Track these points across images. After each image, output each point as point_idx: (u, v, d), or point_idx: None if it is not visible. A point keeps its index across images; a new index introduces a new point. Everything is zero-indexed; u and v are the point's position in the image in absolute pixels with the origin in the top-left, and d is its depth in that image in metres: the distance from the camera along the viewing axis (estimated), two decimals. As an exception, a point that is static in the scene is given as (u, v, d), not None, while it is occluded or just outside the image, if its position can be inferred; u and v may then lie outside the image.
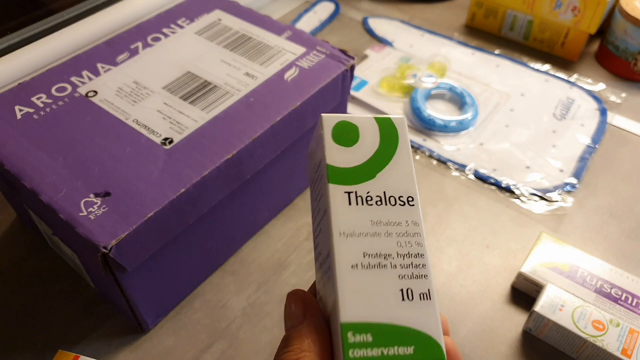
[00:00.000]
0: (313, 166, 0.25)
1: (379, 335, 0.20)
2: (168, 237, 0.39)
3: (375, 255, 0.21)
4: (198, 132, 0.42)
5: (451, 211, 0.54)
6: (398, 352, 0.20)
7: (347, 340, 0.20)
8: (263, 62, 0.48)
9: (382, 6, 0.82)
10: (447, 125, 0.60)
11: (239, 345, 0.44)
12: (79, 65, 0.48)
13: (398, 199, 0.23)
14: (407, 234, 0.22)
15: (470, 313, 0.46)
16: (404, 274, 0.21)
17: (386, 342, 0.20)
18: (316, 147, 0.25)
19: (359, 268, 0.21)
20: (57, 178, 0.39)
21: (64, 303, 0.46)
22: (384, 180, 0.23)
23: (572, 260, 0.46)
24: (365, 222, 0.22)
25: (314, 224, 0.25)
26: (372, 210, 0.22)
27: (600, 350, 0.40)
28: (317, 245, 0.24)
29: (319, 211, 0.24)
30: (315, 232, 0.25)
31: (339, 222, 0.22)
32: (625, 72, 0.69)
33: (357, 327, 0.20)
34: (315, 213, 0.24)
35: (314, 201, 0.25)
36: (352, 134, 0.24)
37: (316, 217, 0.24)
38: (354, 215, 0.22)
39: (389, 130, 0.24)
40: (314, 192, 0.25)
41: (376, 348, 0.20)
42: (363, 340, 0.20)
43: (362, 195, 0.22)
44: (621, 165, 0.59)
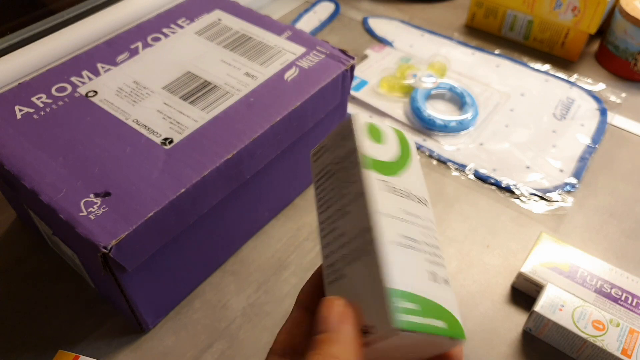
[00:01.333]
0: (333, 159, 0.26)
1: (419, 305, 0.21)
2: (168, 237, 0.39)
3: (408, 237, 0.22)
4: (198, 132, 0.42)
5: (451, 211, 0.54)
6: (437, 324, 0.21)
7: (395, 304, 0.20)
8: (263, 62, 0.48)
9: (382, 6, 0.82)
10: (447, 125, 0.60)
11: (239, 345, 0.44)
12: (79, 65, 0.48)
13: (417, 197, 0.24)
14: (426, 227, 0.24)
15: (470, 313, 0.46)
16: (430, 259, 0.23)
17: (428, 313, 0.21)
18: (340, 141, 0.26)
19: (395, 245, 0.22)
20: (57, 178, 0.39)
21: (64, 303, 0.46)
22: (406, 180, 0.25)
23: (572, 260, 0.46)
24: (397, 208, 0.23)
25: (325, 226, 0.25)
26: (401, 200, 0.24)
27: (600, 350, 0.40)
28: (333, 232, 0.24)
29: (340, 198, 0.24)
30: (328, 220, 0.25)
31: (378, 203, 0.23)
32: (625, 72, 0.69)
33: (402, 295, 0.21)
34: (331, 211, 0.25)
35: (331, 199, 0.25)
36: (379, 134, 0.26)
37: (333, 211, 0.25)
38: (388, 200, 0.23)
39: (404, 141, 0.26)
40: (330, 190, 0.25)
41: (420, 317, 0.20)
42: (409, 308, 0.20)
43: (392, 186, 0.24)
44: (621, 165, 0.59)
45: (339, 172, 0.25)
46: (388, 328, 0.20)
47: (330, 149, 0.26)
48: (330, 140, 0.26)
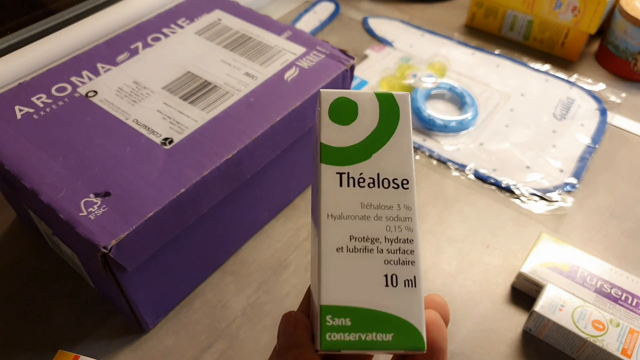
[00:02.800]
0: (314, 147, 0.24)
1: (358, 320, 0.20)
2: (168, 237, 0.39)
3: (362, 239, 0.21)
4: (198, 132, 0.42)
5: (451, 211, 0.54)
6: (376, 338, 0.20)
7: (326, 323, 0.20)
8: (263, 62, 0.48)
9: (382, 6, 0.82)
10: (447, 125, 0.60)
11: (239, 345, 0.44)
12: (79, 65, 0.48)
13: (392, 181, 0.22)
14: (397, 218, 0.22)
15: (470, 313, 0.46)
16: (391, 259, 0.21)
17: (365, 328, 0.20)
18: (315, 126, 0.24)
19: (344, 251, 0.21)
20: (57, 178, 0.39)
21: (64, 303, 0.46)
22: (379, 162, 0.22)
23: (572, 260, 0.46)
24: (355, 204, 0.21)
25: (313, 215, 0.24)
26: (364, 192, 0.22)
27: (600, 350, 0.40)
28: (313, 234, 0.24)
29: (315, 194, 0.23)
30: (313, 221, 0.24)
31: (328, 204, 0.21)
32: (625, 72, 0.69)
33: (337, 311, 0.20)
34: (313, 199, 0.24)
35: (314, 186, 0.24)
36: (350, 111, 0.23)
37: (314, 202, 0.24)
38: (344, 197, 0.21)
39: (390, 107, 0.23)
40: (314, 175, 0.24)
41: (354, 333, 0.20)
42: (341, 324, 0.20)
43: (355, 176, 0.22)
44: (621, 165, 0.59)
45: (315, 163, 0.24)
46: (317, 347, 0.20)
47: (314, 134, 0.25)
48: (315, 123, 0.25)
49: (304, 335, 0.22)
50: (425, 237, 0.52)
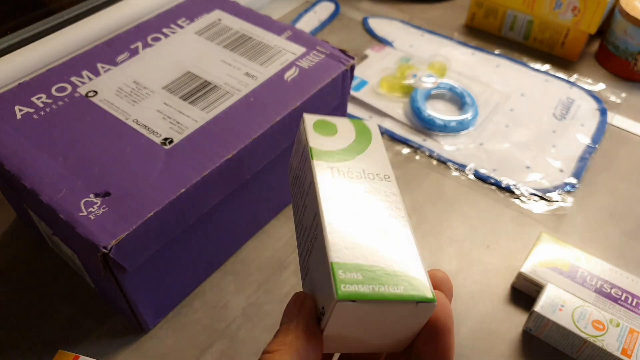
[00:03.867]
0: (297, 163, 0.27)
1: (367, 275, 0.21)
2: (168, 237, 0.39)
3: (359, 214, 0.23)
4: (198, 132, 0.42)
5: (451, 211, 0.54)
6: (388, 290, 0.21)
7: (338, 277, 0.20)
8: (263, 62, 0.48)
9: (382, 6, 0.82)
10: (447, 125, 0.60)
11: (239, 345, 0.44)
12: (79, 65, 0.48)
13: (376, 175, 0.25)
14: (387, 200, 0.24)
15: (470, 313, 0.46)
16: (383, 229, 0.23)
17: (375, 281, 0.21)
18: (298, 145, 0.27)
19: (344, 224, 0.22)
20: (57, 178, 0.39)
21: (64, 303, 0.46)
22: (362, 162, 0.25)
23: (572, 260, 0.46)
24: (348, 190, 0.24)
25: (297, 228, 0.26)
26: (354, 182, 0.24)
27: (600, 350, 0.40)
28: (301, 230, 0.25)
29: (302, 195, 0.25)
30: (298, 221, 0.26)
31: (325, 190, 0.24)
32: (625, 72, 0.69)
33: (347, 267, 0.21)
34: (298, 211, 0.26)
35: (297, 200, 0.26)
36: (331, 128, 0.27)
37: (299, 210, 0.25)
38: (338, 185, 0.24)
39: (363, 129, 0.27)
40: (297, 193, 0.26)
41: (367, 285, 0.20)
42: (353, 278, 0.21)
43: (344, 170, 0.25)
44: (621, 165, 0.59)
45: (300, 173, 0.26)
46: (332, 301, 0.20)
47: (294, 156, 0.27)
48: (294, 149, 0.28)
49: (308, 315, 0.22)
50: (425, 237, 0.52)
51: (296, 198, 0.26)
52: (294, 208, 0.27)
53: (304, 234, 0.25)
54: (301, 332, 0.22)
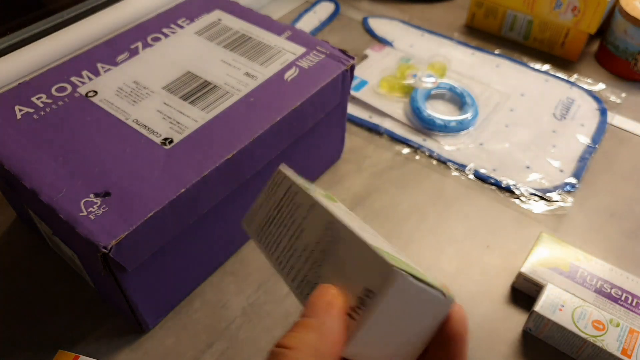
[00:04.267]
0: (271, 208, 0.28)
1: (401, 263, 0.21)
2: (168, 237, 0.39)
3: (362, 229, 0.24)
4: (198, 132, 0.42)
5: (451, 211, 0.54)
6: (424, 277, 0.21)
7: (386, 256, 0.21)
8: (263, 62, 0.48)
9: (382, 6, 0.82)
10: (447, 125, 0.60)
11: (239, 345, 0.44)
12: (79, 65, 0.48)
13: (353, 216, 0.28)
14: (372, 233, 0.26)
15: (470, 313, 0.46)
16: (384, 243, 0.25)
17: (410, 268, 0.21)
18: (274, 190, 0.29)
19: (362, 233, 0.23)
20: (57, 178, 0.39)
21: (64, 303, 0.46)
22: (339, 207, 0.28)
23: (572, 260, 0.46)
24: (343, 213, 0.26)
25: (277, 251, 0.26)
26: (342, 209, 0.27)
27: (600, 350, 0.40)
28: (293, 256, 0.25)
29: (291, 225, 0.26)
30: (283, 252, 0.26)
31: (330, 206, 0.25)
32: (625, 72, 0.69)
33: (386, 253, 0.21)
34: (284, 243, 0.26)
35: (281, 235, 0.27)
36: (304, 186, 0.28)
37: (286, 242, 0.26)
38: (335, 208, 0.25)
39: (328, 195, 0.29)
40: (277, 230, 0.27)
41: (408, 268, 0.21)
42: (395, 261, 0.21)
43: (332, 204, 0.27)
44: (621, 165, 0.59)
45: (281, 210, 0.27)
46: (388, 274, 0.20)
47: (264, 205, 0.29)
48: (262, 199, 0.29)
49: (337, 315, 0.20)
50: (425, 237, 0.52)
51: (274, 236, 0.27)
52: (268, 248, 0.27)
53: (302, 255, 0.25)
54: (326, 333, 0.19)
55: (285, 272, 0.25)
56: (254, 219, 0.29)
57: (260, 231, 0.28)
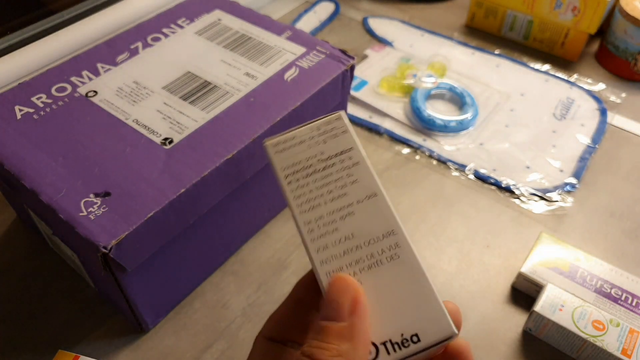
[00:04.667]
0: (313, 154, 0.25)
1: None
2: (168, 237, 0.39)
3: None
4: (198, 132, 0.42)
5: (451, 211, 0.54)
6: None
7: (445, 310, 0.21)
8: (263, 62, 0.48)
9: (382, 6, 0.82)
10: (447, 125, 0.60)
11: (239, 345, 0.44)
12: (79, 65, 0.48)
13: None
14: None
15: (470, 313, 0.46)
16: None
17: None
18: (326, 137, 0.25)
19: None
20: (57, 178, 0.39)
21: (64, 303, 0.46)
22: None
23: (572, 260, 0.46)
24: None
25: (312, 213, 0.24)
26: None
27: (600, 350, 0.40)
28: (333, 234, 0.23)
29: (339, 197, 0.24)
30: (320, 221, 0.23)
31: (393, 208, 0.24)
32: (625, 72, 0.69)
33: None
34: (320, 202, 0.24)
35: (319, 189, 0.24)
36: None
37: (326, 204, 0.24)
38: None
39: None
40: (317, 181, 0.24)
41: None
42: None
43: None
44: (621, 165, 0.59)
45: (330, 169, 0.24)
46: (446, 332, 0.20)
47: (306, 143, 0.25)
48: (304, 133, 0.25)
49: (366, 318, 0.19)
50: (425, 237, 0.52)
51: (313, 194, 0.24)
52: (299, 200, 0.24)
53: (345, 242, 0.22)
54: (359, 339, 0.18)
55: (315, 245, 0.23)
56: (286, 148, 0.25)
57: (292, 172, 0.24)
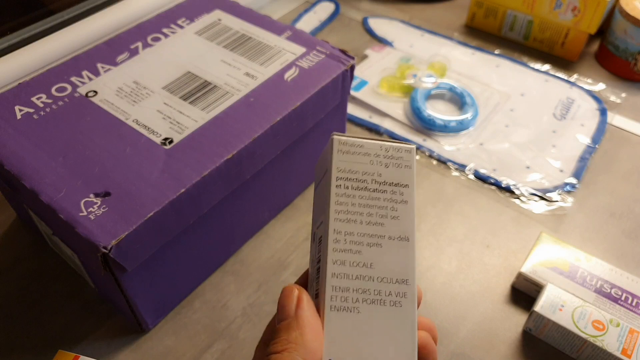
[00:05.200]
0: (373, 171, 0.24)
1: None
2: (168, 237, 0.39)
3: None
4: (198, 132, 0.42)
5: (451, 211, 0.54)
6: None
7: None
8: (263, 62, 0.48)
9: (382, 6, 0.82)
10: (447, 125, 0.60)
11: (239, 345, 0.44)
12: (79, 65, 0.48)
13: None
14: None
15: (470, 313, 0.46)
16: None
17: None
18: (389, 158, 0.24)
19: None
20: (57, 178, 0.39)
21: (64, 303, 0.46)
22: None
23: (572, 260, 0.46)
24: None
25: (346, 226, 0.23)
26: None
27: (600, 350, 0.40)
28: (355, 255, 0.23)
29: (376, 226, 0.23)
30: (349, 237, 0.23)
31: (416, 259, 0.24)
32: (625, 72, 0.69)
33: None
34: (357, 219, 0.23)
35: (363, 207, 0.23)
36: None
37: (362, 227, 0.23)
38: None
39: None
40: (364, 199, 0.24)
41: None
42: None
43: None
44: (621, 165, 0.59)
45: (378, 193, 0.23)
46: None
47: (370, 157, 0.24)
48: (373, 149, 0.24)
49: (308, 309, 0.21)
50: (425, 237, 0.52)
51: (355, 209, 0.23)
52: (339, 207, 0.23)
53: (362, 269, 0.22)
54: (305, 327, 0.21)
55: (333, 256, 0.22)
56: (350, 152, 0.24)
57: (345, 178, 0.23)
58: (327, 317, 0.22)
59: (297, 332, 0.21)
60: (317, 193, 0.26)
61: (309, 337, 0.21)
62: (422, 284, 0.48)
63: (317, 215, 0.25)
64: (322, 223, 0.24)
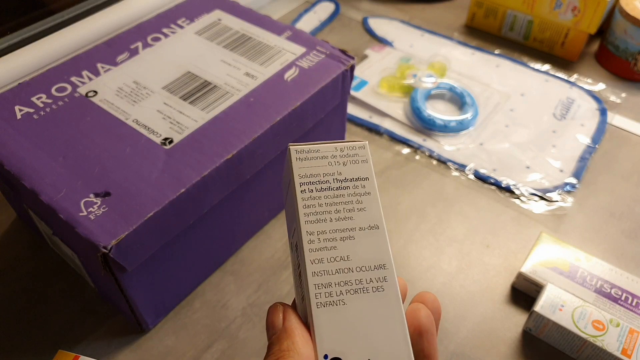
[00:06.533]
0: (332, 172, 0.25)
1: None
2: (168, 237, 0.39)
3: None
4: (198, 132, 0.42)
5: (451, 211, 0.54)
6: None
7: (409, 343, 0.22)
8: (263, 62, 0.48)
9: (382, 6, 0.82)
10: (447, 125, 0.60)
11: (239, 345, 0.44)
12: (79, 65, 0.48)
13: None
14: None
15: (470, 313, 0.46)
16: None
17: None
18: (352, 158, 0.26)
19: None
20: (57, 178, 0.39)
21: (64, 303, 0.46)
22: None
23: (572, 260, 0.46)
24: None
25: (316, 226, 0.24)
26: None
27: (600, 350, 0.40)
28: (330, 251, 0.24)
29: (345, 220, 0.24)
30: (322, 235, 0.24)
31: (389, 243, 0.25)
32: (625, 72, 0.69)
33: None
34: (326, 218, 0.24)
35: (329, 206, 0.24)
36: None
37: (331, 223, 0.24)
38: None
39: None
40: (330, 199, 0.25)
41: None
42: None
43: None
44: (621, 165, 0.59)
45: (341, 190, 0.25)
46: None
47: (327, 159, 0.25)
48: (329, 150, 0.25)
49: (294, 321, 0.22)
50: (425, 237, 0.52)
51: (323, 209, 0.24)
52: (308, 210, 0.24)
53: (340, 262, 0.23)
54: (295, 335, 0.21)
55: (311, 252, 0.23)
56: (308, 158, 0.25)
57: (307, 182, 0.25)
58: (315, 314, 0.22)
59: (288, 341, 0.21)
60: (286, 204, 0.27)
61: (300, 344, 0.21)
62: (422, 284, 0.48)
63: (290, 224, 0.26)
64: (295, 229, 0.24)
